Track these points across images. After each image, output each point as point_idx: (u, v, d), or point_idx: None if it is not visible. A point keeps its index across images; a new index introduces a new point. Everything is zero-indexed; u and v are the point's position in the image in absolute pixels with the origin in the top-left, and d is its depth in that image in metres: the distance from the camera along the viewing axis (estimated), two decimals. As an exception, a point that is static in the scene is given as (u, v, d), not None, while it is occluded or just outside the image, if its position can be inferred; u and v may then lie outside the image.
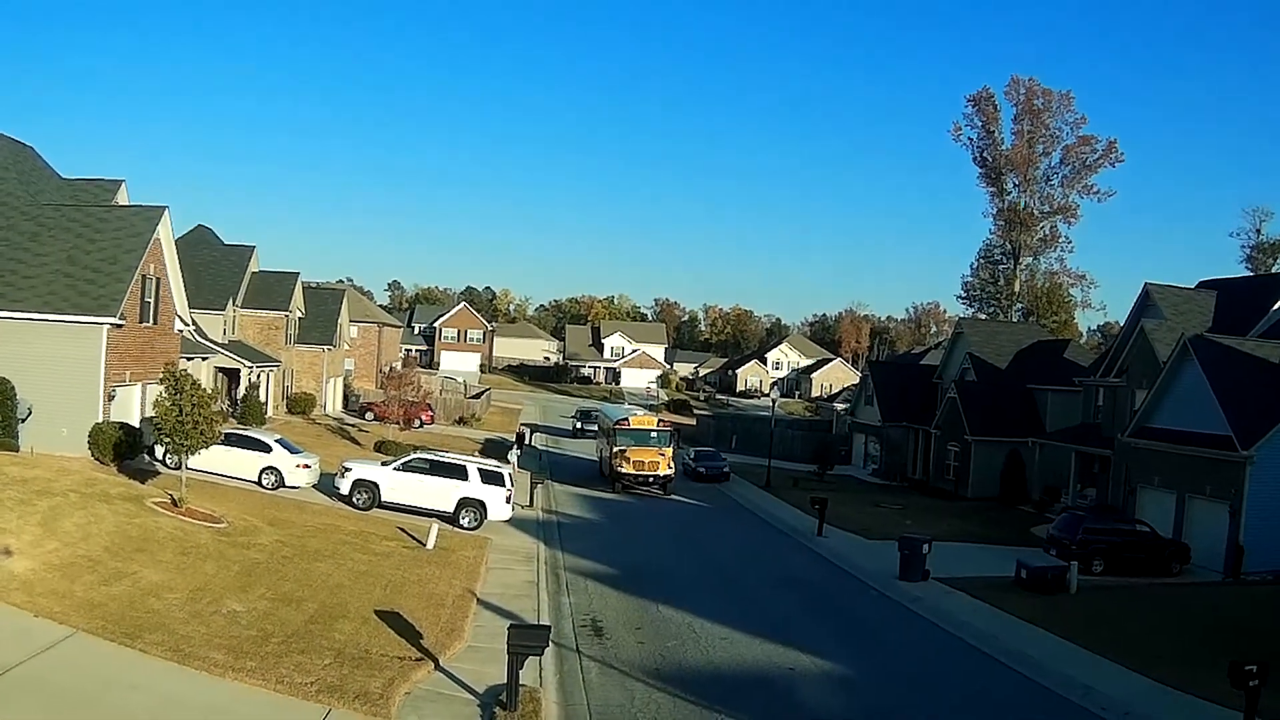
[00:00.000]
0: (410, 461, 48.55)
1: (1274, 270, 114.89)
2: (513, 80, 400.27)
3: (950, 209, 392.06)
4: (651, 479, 67.88)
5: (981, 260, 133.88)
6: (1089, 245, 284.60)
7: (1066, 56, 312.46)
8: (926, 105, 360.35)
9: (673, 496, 67.37)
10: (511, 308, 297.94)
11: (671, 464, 69.21)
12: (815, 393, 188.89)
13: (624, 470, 67.66)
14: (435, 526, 41.35)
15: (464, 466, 47.82)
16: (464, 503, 46.51)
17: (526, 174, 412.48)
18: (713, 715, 24.20)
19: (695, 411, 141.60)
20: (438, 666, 24.71)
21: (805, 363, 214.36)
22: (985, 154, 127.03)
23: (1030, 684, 29.68)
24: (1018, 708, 27.77)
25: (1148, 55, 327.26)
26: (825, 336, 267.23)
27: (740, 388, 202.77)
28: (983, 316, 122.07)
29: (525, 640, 21.95)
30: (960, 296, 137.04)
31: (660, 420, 74.30)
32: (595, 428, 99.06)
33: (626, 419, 72.07)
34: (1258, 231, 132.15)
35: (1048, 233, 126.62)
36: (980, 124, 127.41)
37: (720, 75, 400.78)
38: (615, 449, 68.69)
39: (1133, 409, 60.70)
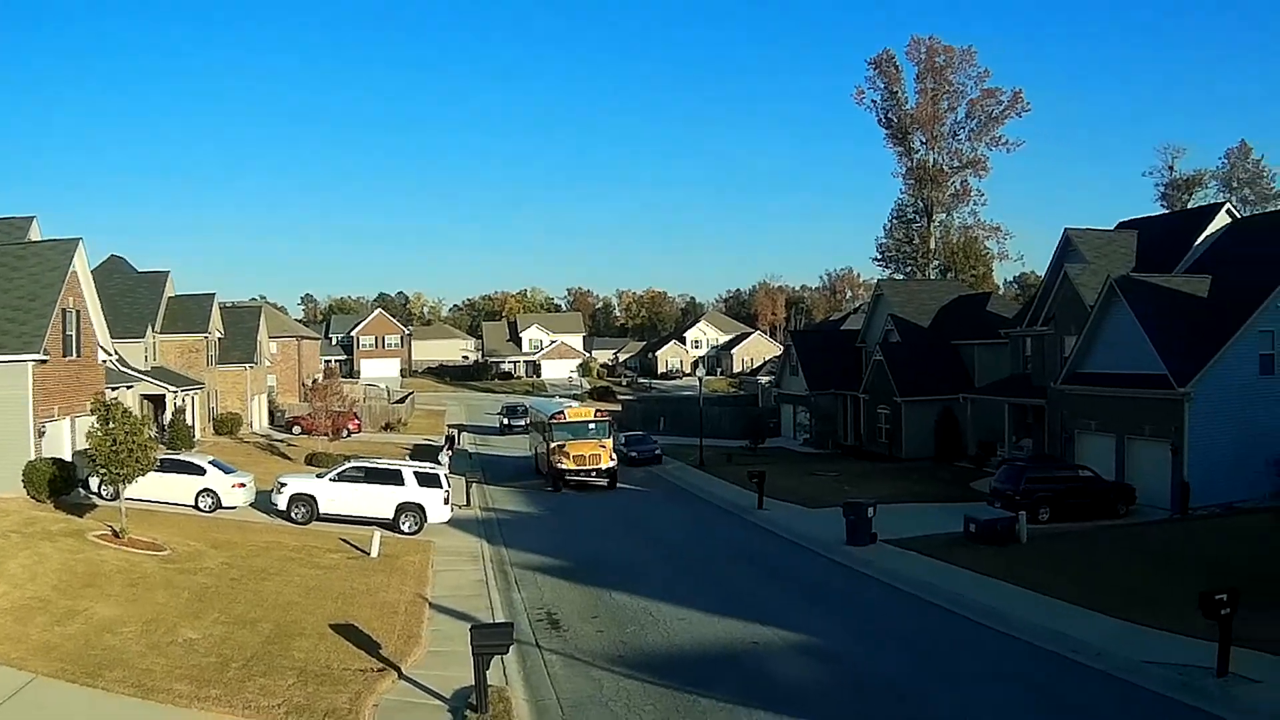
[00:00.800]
0: (345, 471, 47.89)
1: (1190, 206, 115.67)
2: (405, 81, 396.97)
3: (858, 173, 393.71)
4: (595, 473, 63.95)
5: (895, 220, 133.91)
6: (1003, 196, 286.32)
7: (967, 11, 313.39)
8: (827, 72, 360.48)
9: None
10: (426, 310, 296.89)
11: (613, 455, 65.50)
12: (737, 368, 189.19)
13: (565, 466, 63.35)
14: (377, 534, 40.74)
15: (399, 472, 47.36)
16: (403, 508, 46.01)
17: (428, 175, 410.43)
18: (687, 697, 23.60)
19: (619, 397, 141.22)
20: (401, 675, 24.25)
21: (724, 339, 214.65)
22: (890, 115, 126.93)
23: (999, 635, 29.38)
24: (991, 659, 27.26)
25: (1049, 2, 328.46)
26: (741, 311, 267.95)
27: (661, 369, 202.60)
28: (900, 277, 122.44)
29: (489, 640, 21.56)
30: (876, 258, 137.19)
31: (597, 410, 71.32)
32: (523, 423, 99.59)
33: (562, 412, 68.25)
34: (1171, 169, 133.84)
35: (959, 188, 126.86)
36: (883, 86, 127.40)
37: (615, 52, 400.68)
38: (553, 445, 64.84)
39: (1063, 356, 60.54)
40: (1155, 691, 23.72)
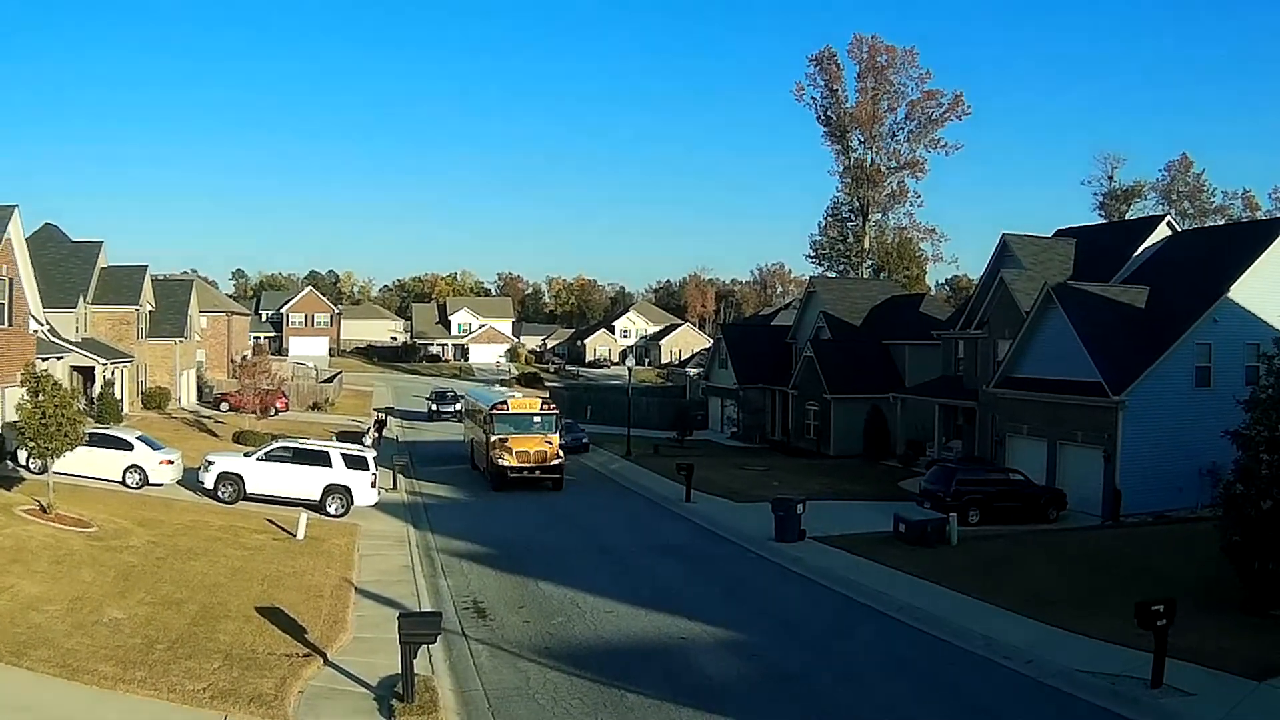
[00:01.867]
0: (273, 451, 47.25)
1: (1128, 216, 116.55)
2: (339, 57, 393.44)
3: (794, 169, 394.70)
4: (540, 472, 57.31)
5: (830, 218, 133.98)
6: (940, 199, 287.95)
7: (912, 12, 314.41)
8: (767, 66, 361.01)
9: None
10: (356, 290, 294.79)
11: (560, 452, 59.22)
12: (665, 359, 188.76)
13: (507, 463, 56.57)
14: (304, 516, 40.22)
15: (327, 453, 46.77)
16: (330, 489, 45.44)
17: (362, 154, 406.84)
18: (614, 691, 23.30)
19: (547, 384, 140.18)
20: (327, 661, 23.85)
21: (653, 329, 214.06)
22: (830, 112, 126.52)
23: (928, 638, 29.18)
24: (920, 663, 27.02)
25: (995, 5, 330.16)
26: (671, 302, 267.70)
27: (589, 358, 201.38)
28: (833, 275, 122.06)
29: (417, 629, 21.31)
30: (809, 256, 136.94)
31: (544, 402, 63.04)
32: (453, 410, 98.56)
33: (504, 402, 60.96)
34: (1110, 178, 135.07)
35: (896, 188, 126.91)
36: (824, 83, 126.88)
37: (551, 38, 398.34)
38: (494, 439, 57.84)
39: (996, 359, 60.57)
40: (1087, 700, 23.51)
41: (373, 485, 46.37)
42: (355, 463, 46.39)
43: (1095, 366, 50.27)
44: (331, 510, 44.90)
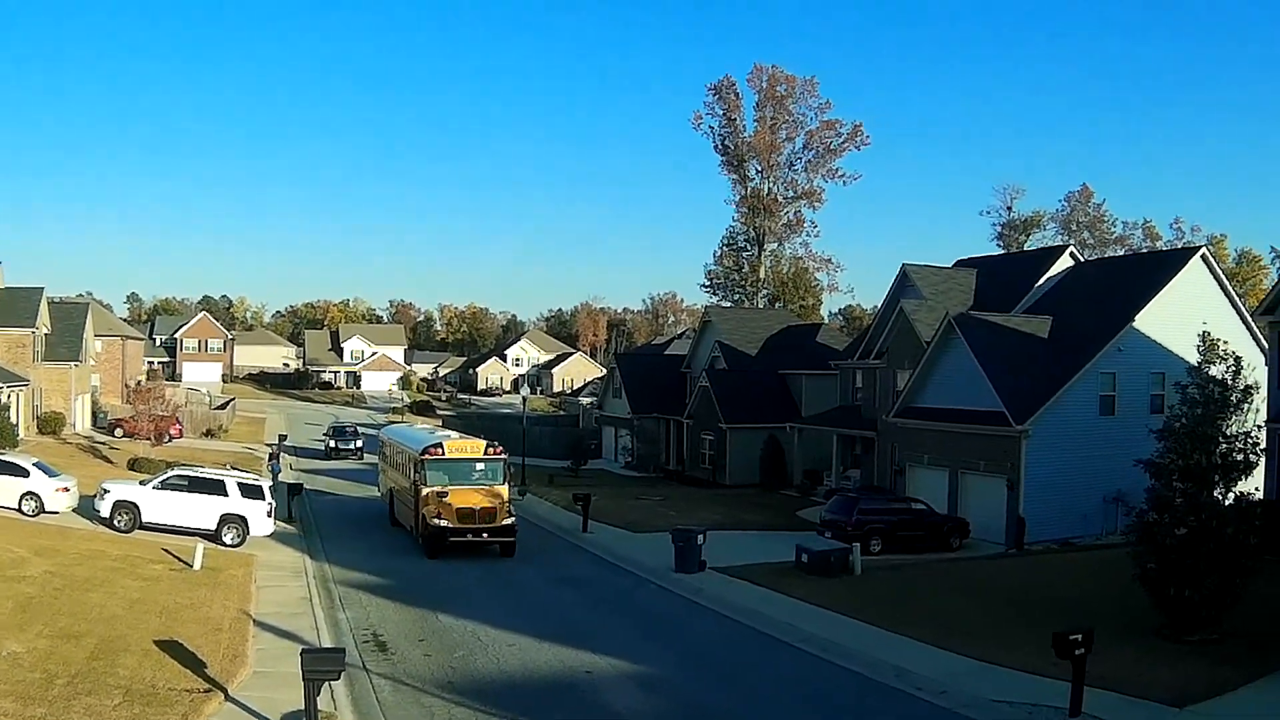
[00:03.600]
0: (169, 479, 46.07)
1: (1027, 247, 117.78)
2: (226, 87, 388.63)
3: (689, 199, 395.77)
4: (488, 534, 45.10)
5: (725, 248, 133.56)
6: (837, 229, 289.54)
7: (813, 42, 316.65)
8: (665, 96, 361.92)
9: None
10: (249, 315, 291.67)
11: (511, 509, 46.68)
12: (557, 388, 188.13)
13: (444, 524, 44.25)
14: (200, 546, 39.18)
15: (223, 481, 45.76)
16: (226, 519, 44.35)
17: (253, 181, 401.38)
18: None
19: (439, 412, 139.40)
20: (228, 697, 23.04)
21: (545, 358, 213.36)
22: (727, 142, 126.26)
23: (839, 670, 28.59)
24: (832, 696, 26.50)
25: (894, 37, 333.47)
26: (563, 331, 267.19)
27: (481, 386, 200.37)
28: (727, 304, 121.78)
29: (319, 666, 20.68)
30: (704, 285, 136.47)
31: (489, 444, 49.47)
32: (353, 447, 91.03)
33: (439, 444, 47.88)
34: (1009, 209, 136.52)
35: (792, 218, 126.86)
36: (722, 112, 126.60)
37: (446, 64, 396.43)
38: (426, 491, 45.75)
39: (895, 390, 60.63)
40: None
41: (269, 514, 45.52)
42: (251, 492, 45.43)
43: (998, 396, 50.45)
44: (228, 540, 43.83)
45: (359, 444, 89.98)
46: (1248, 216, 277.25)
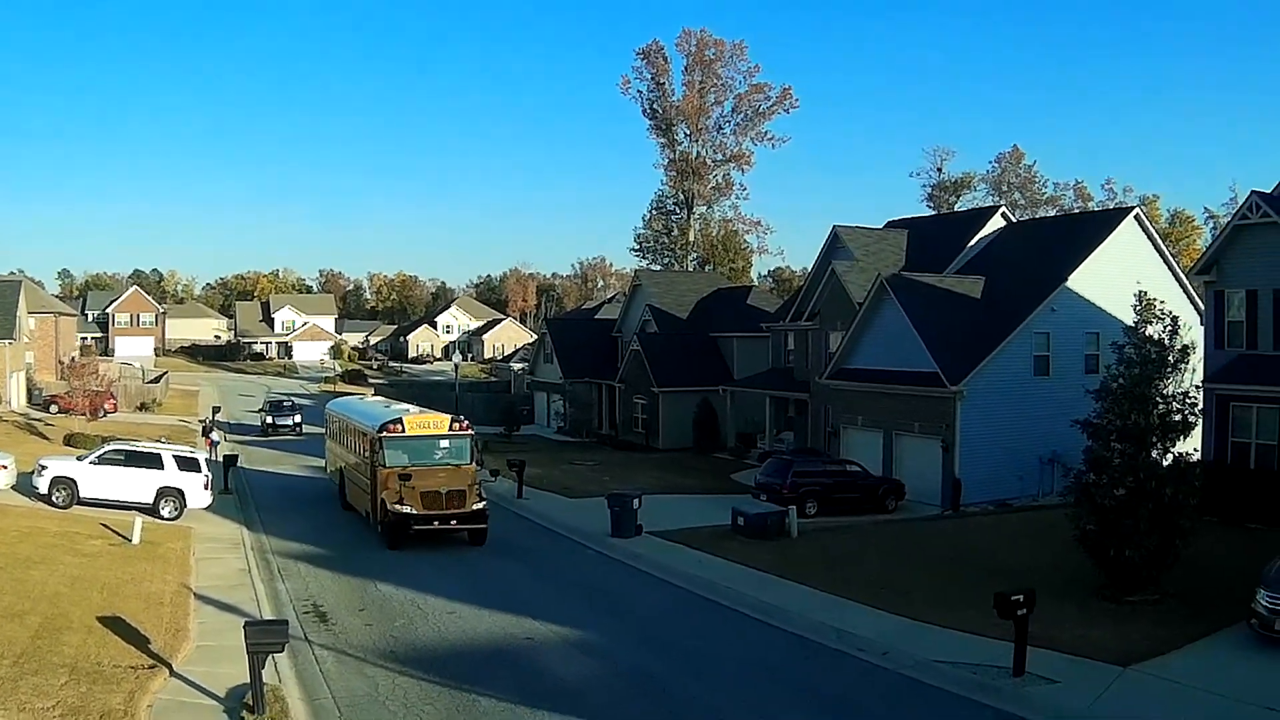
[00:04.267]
0: (105, 454, 45.44)
1: (957, 208, 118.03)
2: (152, 59, 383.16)
3: (617, 163, 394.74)
4: (456, 521, 39.94)
5: (654, 211, 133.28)
6: (767, 191, 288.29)
7: (741, 5, 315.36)
8: (592, 61, 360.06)
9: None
10: (179, 289, 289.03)
11: (482, 492, 41.52)
12: (488, 354, 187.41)
13: (408, 510, 39.12)
14: (139, 520, 38.56)
15: (159, 455, 45.22)
16: (163, 492, 43.87)
17: (181, 154, 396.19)
18: (465, 695, 22.40)
19: (371, 380, 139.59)
20: (173, 672, 22.88)
21: (475, 325, 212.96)
22: (656, 106, 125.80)
23: (780, 632, 28.63)
24: (775, 657, 26.44)
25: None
26: (492, 298, 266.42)
27: (412, 354, 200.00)
28: (657, 267, 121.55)
29: (263, 639, 20.51)
30: (634, 249, 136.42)
31: (455, 419, 44.30)
32: (291, 423, 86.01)
33: (398, 421, 42.68)
34: (939, 170, 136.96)
35: (721, 181, 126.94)
36: (650, 76, 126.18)
37: (375, 34, 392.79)
38: (385, 473, 40.50)
39: (828, 351, 60.63)
40: (950, 691, 23.11)
41: (206, 487, 45.04)
42: (188, 464, 45.04)
43: (931, 357, 50.44)
44: (165, 514, 43.38)
45: (298, 419, 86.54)
46: (1180, 178, 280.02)
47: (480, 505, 40.29)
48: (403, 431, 42.11)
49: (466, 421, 44.40)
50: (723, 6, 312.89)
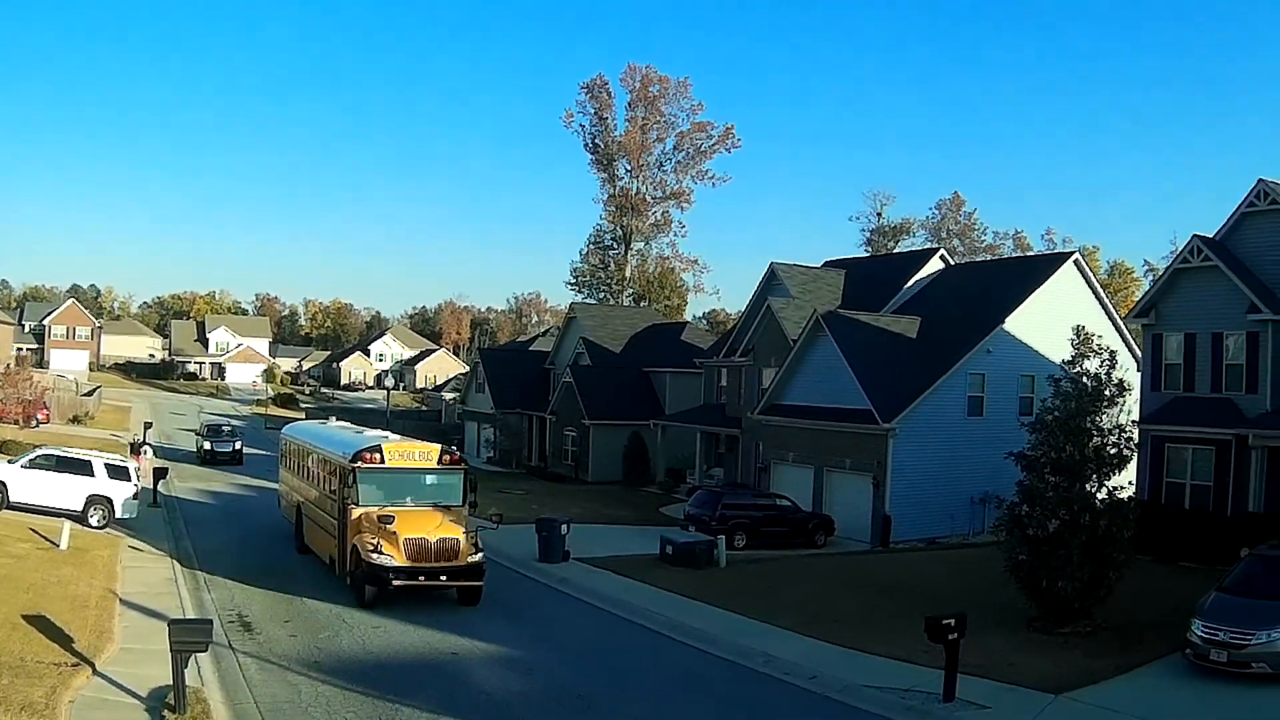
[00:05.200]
0: (36, 459, 45.11)
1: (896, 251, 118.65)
2: (93, 70, 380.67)
3: (556, 199, 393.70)
4: (447, 576, 32.36)
5: (592, 246, 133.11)
6: (705, 230, 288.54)
7: (688, 44, 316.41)
8: (535, 96, 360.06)
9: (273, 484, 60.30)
10: (116, 305, 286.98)
11: (478, 540, 33.43)
12: (420, 383, 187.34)
13: (388, 561, 31.51)
14: (67, 526, 38.29)
15: (90, 462, 44.93)
16: (92, 499, 43.63)
17: (124, 170, 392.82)
18: (388, 706, 22.09)
19: (303, 405, 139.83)
20: (96, 671, 22.75)
21: (408, 354, 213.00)
22: (598, 140, 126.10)
23: (707, 656, 28.35)
24: (700, 678, 26.25)
25: (772, 42, 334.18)
26: (426, 328, 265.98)
27: (345, 380, 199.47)
28: (593, 301, 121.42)
29: (187, 636, 20.46)
30: (570, 283, 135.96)
31: (445, 450, 36.71)
32: (230, 450, 78.56)
33: (377, 449, 35.02)
34: (879, 215, 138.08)
35: (660, 217, 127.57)
36: (594, 111, 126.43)
37: (323, 62, 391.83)
38: (357, 513, 33.37)
39: (761, 387, 60.52)
40: (879, 715, 22.94)
41: (135, 496, 44.74)
42: (118, 473, 44.78)
43: (865, 394, 50.46)
44: (94, 521, 43.11)
45: (238, 445, 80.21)
46: (1120, 231, 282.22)
47: (477, 557, 32.51)
48: (382, 462, 34.34)
49: (459, 453, 37.89)
50: (669, 44, 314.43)
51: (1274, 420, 37.41)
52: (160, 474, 56.02)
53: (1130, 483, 36.81)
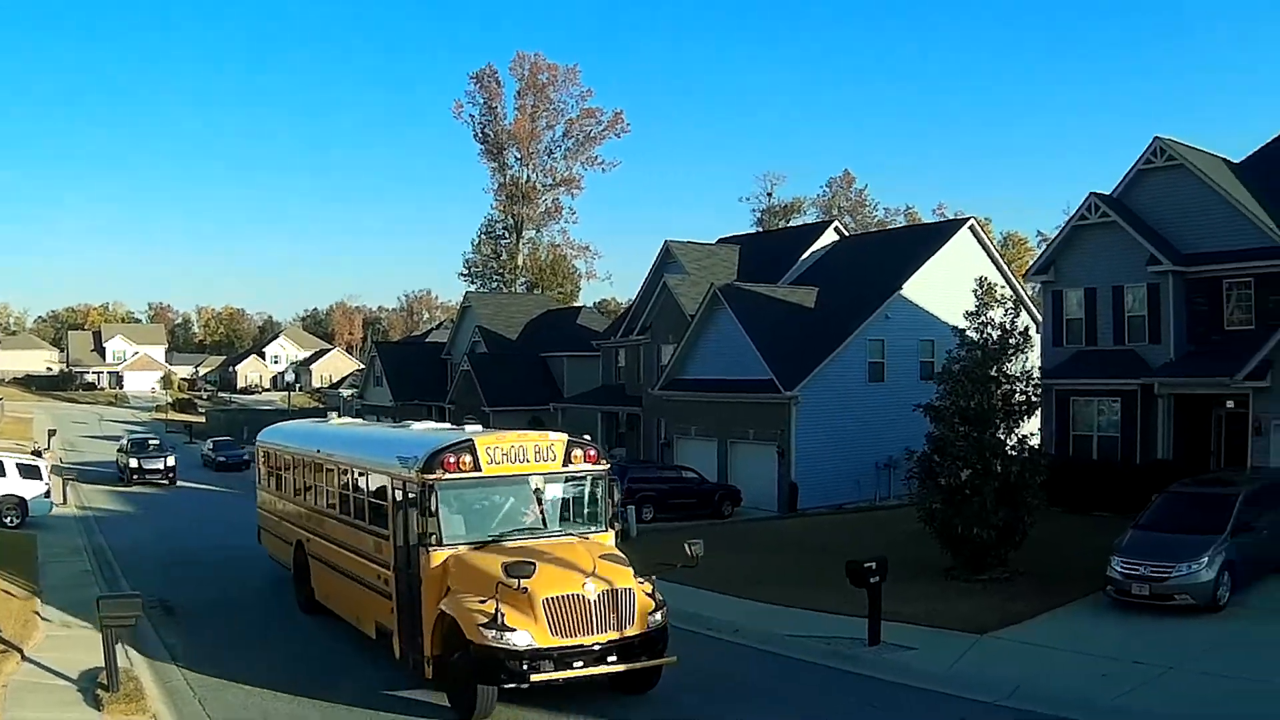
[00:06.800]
0: None
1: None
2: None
3: (444, 196, 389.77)
4: (617, 657, 18.53)
5: (484, 236, 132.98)
6: (597, 216, 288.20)
7: (574, 30, 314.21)
8: (421, 88, 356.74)
9: (197, 485, 60.54)
10: (11, 321, 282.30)
11: (656, 592, 20.16)
12: (316, 383, 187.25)
13: (518, 642, 17.55)
14: None
15: (1, 462, 45.60)
16: (4, 500, 44.49)
17: (10, 185, 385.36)
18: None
19: (201, 409, 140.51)
20: (24, 657, 22.81)
21: (303, 355, 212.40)
22: (487, 129, 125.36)
23: None
24: None
25: (658, 26, 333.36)
26: (319, 330, 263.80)
27: (241, 384, 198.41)
28: (487, 291, 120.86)
29: (118, 611, 20.25)
30: (462, 274, 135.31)
31: (577, 443, 21.56)
32: (161, 468, 68.87)
33: (467, 446, 20.11)
34: (769, 195, 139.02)
35: (550, 205, 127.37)
36: (483, 100, 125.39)
37: (198, 64, 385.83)
38: (444, 557, 19.35)
39: (660, 364, 60.43)
40: (804, 660, 23.07)
41: (47, 495, 45.73)
42: (29, 472, 45.78)
43: (765, 363, 50.65)
44: (7, 521, 43.77)
45: (171, 462, 70.09)
46: (1011, 206, 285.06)
47: (658, 618, 19.55)
48: (477, 469, 20.19)
49: (594, 446, 22.25)
50: (557, 31, 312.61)
51: (1179, 369, 37.77)
52: (68, 478, 56.73)
53: (1035, 433, 37.06)
